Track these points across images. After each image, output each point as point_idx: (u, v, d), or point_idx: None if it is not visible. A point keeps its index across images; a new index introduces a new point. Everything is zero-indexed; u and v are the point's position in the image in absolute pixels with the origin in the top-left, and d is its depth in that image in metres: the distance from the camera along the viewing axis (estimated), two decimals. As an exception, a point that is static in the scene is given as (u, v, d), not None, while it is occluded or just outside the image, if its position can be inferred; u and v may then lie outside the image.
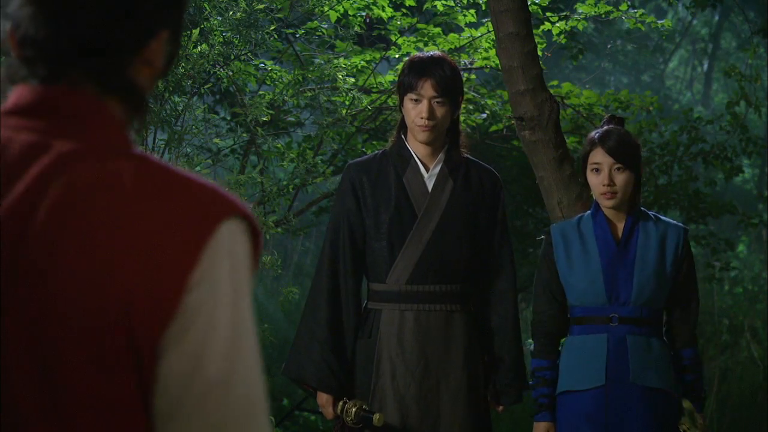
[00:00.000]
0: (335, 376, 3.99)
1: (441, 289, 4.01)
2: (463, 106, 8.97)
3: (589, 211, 4.14)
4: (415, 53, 4.13)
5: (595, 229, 4.06)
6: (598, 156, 4.01)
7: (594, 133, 4.07)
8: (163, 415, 1.28)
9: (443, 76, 3.95)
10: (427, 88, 3.94)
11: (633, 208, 4.07)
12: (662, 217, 4.11)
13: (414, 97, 3.96)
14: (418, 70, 3.97)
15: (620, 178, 4.00)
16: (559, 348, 4.14)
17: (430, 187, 4.04)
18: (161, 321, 1.26)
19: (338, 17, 6.74)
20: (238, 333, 1.30)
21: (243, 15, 5.77)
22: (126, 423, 1.27)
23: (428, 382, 3.98)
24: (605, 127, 4.08)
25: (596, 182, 4.02)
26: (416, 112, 3.96)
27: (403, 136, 4.09)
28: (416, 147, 4.06)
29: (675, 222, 4.12)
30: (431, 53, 4.07)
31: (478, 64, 7.49)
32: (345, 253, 4.02)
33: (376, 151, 4.20)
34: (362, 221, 4.03)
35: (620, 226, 4.06)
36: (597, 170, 4.01)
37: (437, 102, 3.95)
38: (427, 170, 4.06)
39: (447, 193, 4.04)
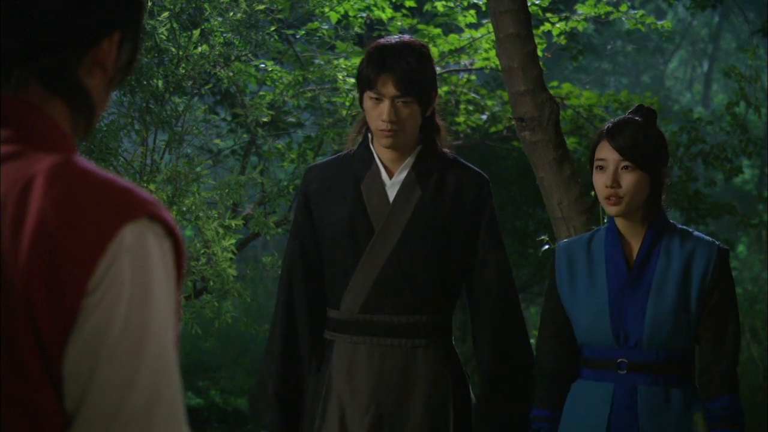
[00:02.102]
0: (288, 417, 3.42)
1: (401, 321, 3.29)
2: (462, 107, 8.98)
3: (604, 226, 3.36)
4: (380, 39, 3.40)
5: (607, 248, 3.26)
6: (604, 151, 3.24)
7: (606, 124, 3.34)
8: (72, 418, 1.26)
9: (407, 70, 3.22)
10: (388, 86, 3.22)
11: (654, 221, 3.24)
12: (694, 233, 3.25)
13: (373, 95, 3.25)
14: (377, 62, 3.24)
15: (628, 180, 3.19)
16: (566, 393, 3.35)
17: (392, 197, 3.33)
18: (63, 322, 1.24)
19: (338, 18, 6.74)
20: (143, 335, 1.26)
21: (243, 16, 5.78)
22: (44, 426, 1.26)
23: None
24: (622, 117, 3.34)
25: (600, 183, 3.24)
26: (377, 113, 3.25)
27: (369, 134, 3.39)
28: (381, 149, 3.36)
29: (709, 239, 3.25)
30: (395, 39, 3.31)
31: (478, 64, 7.50)
32: (297, 276, 3.42)
33: (342, 152, 3.52)
34: (316, 239, 3.39)
35: (636, 246, 3.26)
36: (602, 168, 3.24)
37: (401, 102, 3.24)
38: (391, 176, 3.35)
39: (412, 204, 3.32)
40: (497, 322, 3.38)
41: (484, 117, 8.40)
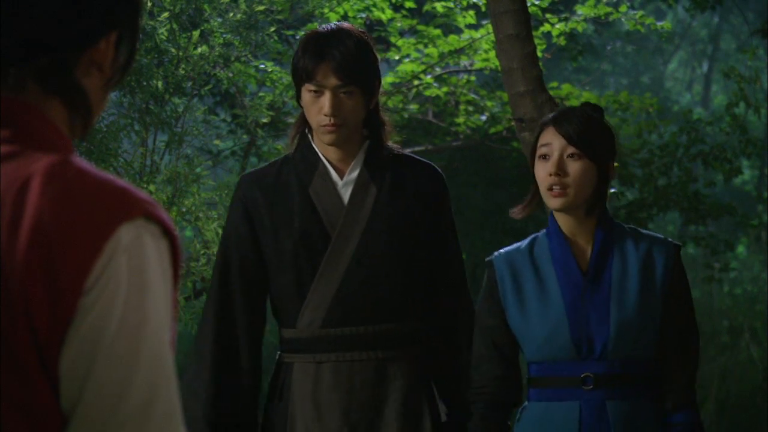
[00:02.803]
0: None
1: (368, 331, 3.02)
2: (462, 107, 8.97)
3: (543, 230, 3.03)
4: (316, 28, 3.13)
5: (553, 252, 2.95)
6: (548, 136, 2.93)
7: (551, 114, 3.03)
8: (69, 417, 1.26)
9: (348, 58, 2.95)
10: (329, 76, 2.95)
11: (601, 219, 2.94)
12: (643, 231, 2.99)
13: (313, 88, 2.96)
14: (314, 51, 2.96)
15: (575, 168, 2.87)
16: (509, 421, 3.03)
17: (346, 198, 3.05)
18: (60, 321, 1.24)
19: (338, 19, 6.75)
20: (139, 335, 1.26)
21: (243, 16, 5.78)
22: (42, 425, 1.26)
23: None
24: (568, 107, 3.08)
25: (542, 173, 2.92)
26: (317, 108, 2.97)
27: (309, 135, 3.10)
28: (325, 148, 3.07)
29: (661, 237, 3.00)
30: (331, 26, 3.04)
31: (477, 65, 7.50)
32: (236, 296, 3.06)
33: (276, 159, 3.23)
34: (259, 252, 3.06)
35: (587, 247, 2.94)
36: (545, 157, 2.92)
37: (343, 92, 2.96)
38: (341, 176, 3.07)
39: (369, 203, 3.05)
40: (466, 330, 3.13)
41: (484, 118, 8.40)
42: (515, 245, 3.04)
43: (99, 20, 1.37)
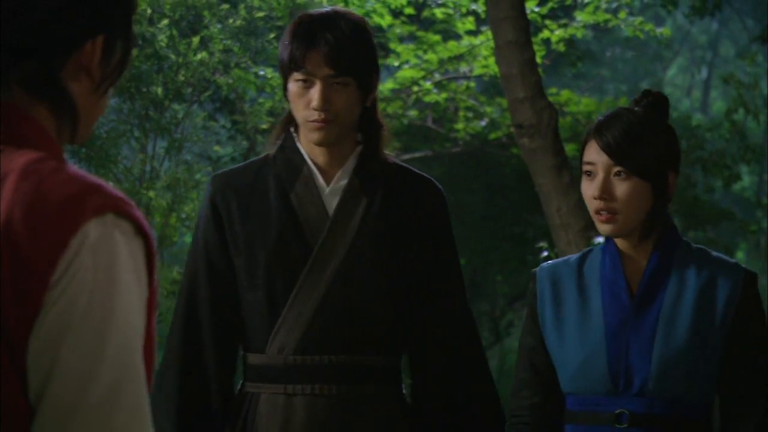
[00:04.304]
0: None
1: (348, 362, 2.60)
2: (461, 113, 8.98)
3: (599, 246, 2.61)
4: (307, 12, 2.71)
5: (603, 272, 2.54)
6: (592, 152, 2.49)
7: (598, 117, 2.58)
8: (35, 409, 1.26)
9: (342, 42, 2.54)
10: (320, 64, 2.54)
11: (662, 238, 2.52)
12: (714, 254, 2.55)
13: (301, 77, 2.55)
14: (304, 36, 2.55)
15: (623, 190, 2.45)
16: None
17: (331, 208, 2.64)
18: (27, 315, 1.25)
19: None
20: (105, 330, 1.26)
21: (243, 23, 5.79)
22: (11, 417, 1.26)
23: None
24: (616, 108, 2.58)
25: (588, 194, 2.49)
26: (305, 100, 2.56)
27: (294, 134, 2.68)
28: (312, 149, 2.65)
29: (732, 262, 2.53)
30: (326, 8, 2.66)
31: (477, 71, 7.51)
32: (203, 310, 2.66)
33: (254, 158, 2.82)
34: (229, 262, 2.65)
35: (642, 267, 2.52)
36: (590, 174, 2.49)
37: (336, 83, 2.55)
38: (328, 183, 2.65)
39: (358, 216, 2.63)
40: (471, 364, 2.70)
41: (483, 124, 8.41)
42: (565, 258, 2.64)
43: (82, 23, 1.36)
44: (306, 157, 2.65)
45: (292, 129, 2.69)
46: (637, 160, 2.44)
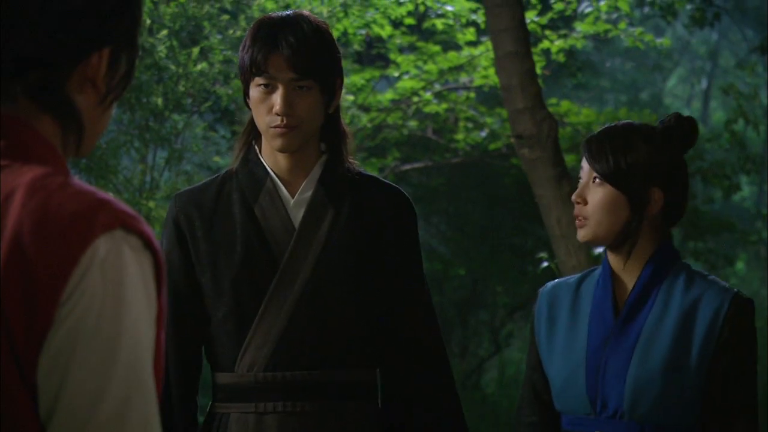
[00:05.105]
0: None
1: (321, 378, 2.53)
2: (461, 124, 9.00)
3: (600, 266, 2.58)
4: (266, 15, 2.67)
5: (596, 289, 2.50)
6: (583, 163, 2.50)
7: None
8: (45, 427, 1.26)
9: (304, 44, 2.48)
10: (281, 67, 2.48)
11: (654, 258, 2.46)
12: (709, 276, 2.48)
13: (263, 81, 2.50)
14: (265, 40, 2.50)
15: (595, 196, 2.43)
16: None
17: (297, 220, 2.57)
18: (37, 332, 1.25)
19: (338, 35, 6.77)
20: (114, 346, 1.26)
21: (243, 33, 5.79)
22: None
23: None
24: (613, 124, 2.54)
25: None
26: (267, 106, 2.50)
27: (255, 146, 2.62)
28: (275, 160, 2.58)
29: (722, 284, 2.44)
30: (288, 12, 2.59)
31: (477, 82, 7.52)
32: (167, 330, 2.33)
33: (215, 175, 2.72)
34: (194, 281, 2.58)
35: (630, 287, 2.48)
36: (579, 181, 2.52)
37: (299, 87, 2.49)
38: (293, 194, 2.58)
39: (325, 228, 2.56)
40: (436, 370, 2.64)
41: (483, 134, 8.41)
42: (567, 277, 2.63)
43: (89, 34, 1.36)
44: (269, 169, 2.58)
45: (254, 142, 2.62)
46: (608, 166, 2.41)
